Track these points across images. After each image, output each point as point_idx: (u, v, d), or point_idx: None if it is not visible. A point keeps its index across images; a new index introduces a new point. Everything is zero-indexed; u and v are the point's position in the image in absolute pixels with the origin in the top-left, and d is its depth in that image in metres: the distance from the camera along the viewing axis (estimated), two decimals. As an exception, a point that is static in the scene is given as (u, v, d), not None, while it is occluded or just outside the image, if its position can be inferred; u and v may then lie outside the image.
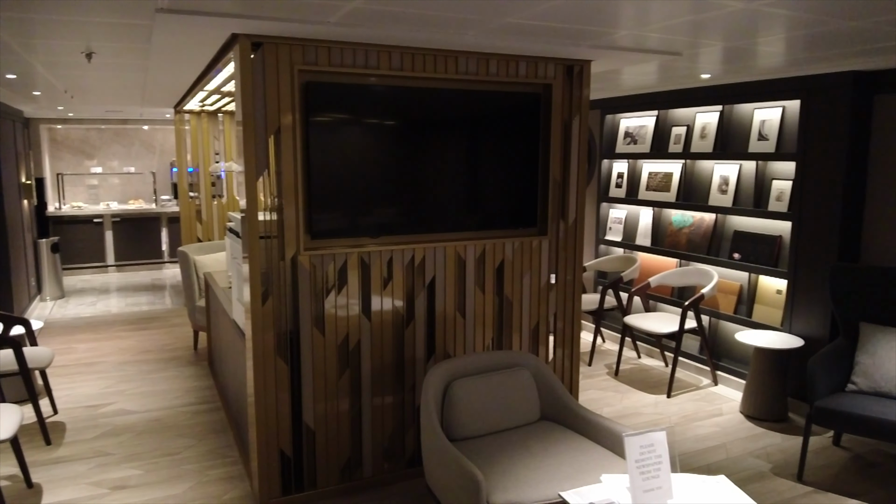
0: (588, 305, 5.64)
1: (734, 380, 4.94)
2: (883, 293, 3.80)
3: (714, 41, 3.19)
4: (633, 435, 2.13)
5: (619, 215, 6.18)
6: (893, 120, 4.04)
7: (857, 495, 3.47)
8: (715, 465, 3.78)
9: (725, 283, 5.06)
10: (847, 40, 3.07)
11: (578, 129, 3.78)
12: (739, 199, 4.96)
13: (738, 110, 5.03)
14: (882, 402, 3.45)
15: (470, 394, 3.04)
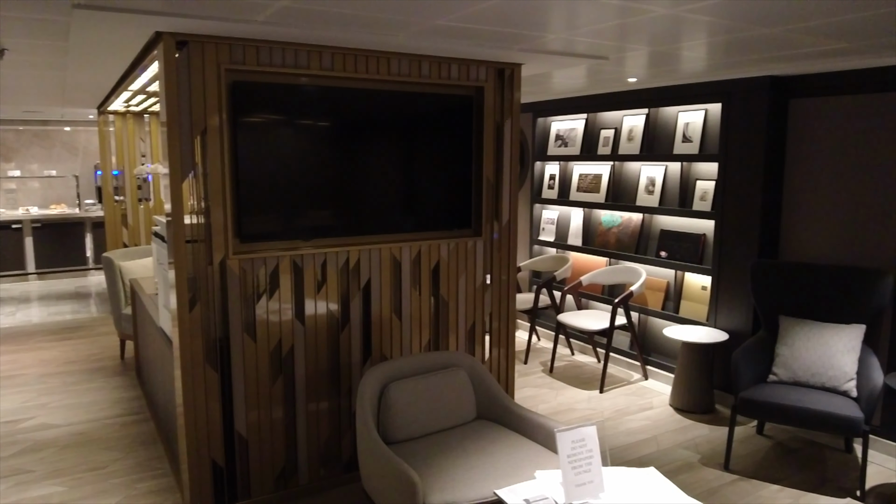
0: (523, 305, 5.72)
1: (663, 374, 5.10)
2: (800, 287, 3.99)
3: (640, 46, 3.28)
4: (564, 430, 2.17)
5: (552, 216, 6.29)
6: (807, 122, 4.26)
7: (779, 480, 3.63)
8: (646, 458, 3.89)
9: (653, 281, 5.22)
10: (763, 46, 3.22)
11: (510, 131, 3.83)
12: (665, 199, 5.13)
13: (663, 113, 5.20)
14: (800, 392, 3.63)
15: (406, 396, 3.04)
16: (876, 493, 3.50)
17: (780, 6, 2.41)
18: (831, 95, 4.12)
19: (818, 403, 3.46)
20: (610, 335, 4.98)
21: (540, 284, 5.64)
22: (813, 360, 3.72)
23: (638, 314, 5.39)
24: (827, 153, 4.17)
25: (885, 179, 3.89)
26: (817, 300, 3.93)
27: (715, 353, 4.64)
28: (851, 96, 4.02)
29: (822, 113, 4.17)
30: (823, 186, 4.19)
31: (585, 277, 5.38)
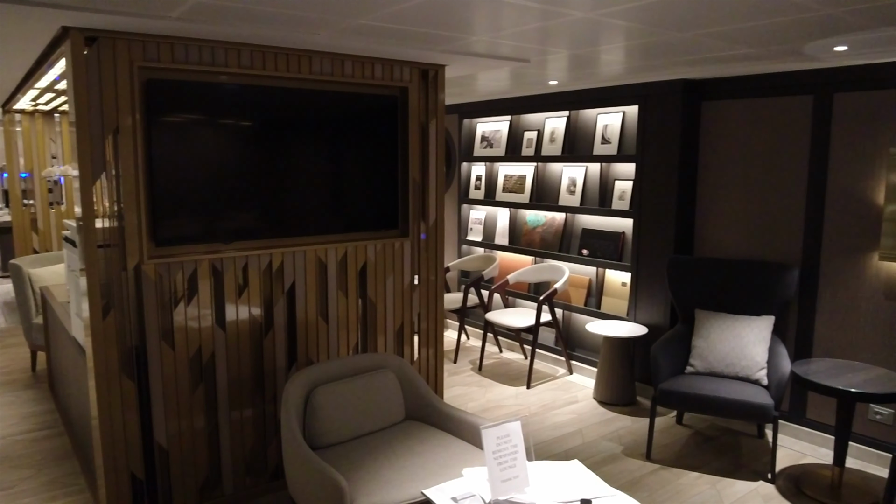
0: (452, 304, 5.76)
1: (587, 368, 5.24)
2: (713, 282, 4.18)
3: (560, 49, 3.36)
4: (489, 427, 2.20)
5: (479, 216, 6.36)
6: (717, 124, 4.47)
7: (698, 468, 3.79)
8: (572, 451, 3.99)
9: (576, 278, 5.36)
10: (676, 50, 3.35)
11: (436, 132, 3.84)
12: (586, 199, 5.28)
13: (583, 115, 5.34)
14: (715, 381, 3.80)
15: (333, 400, 3.00)
16: (785, 475, 3.71)
17: (691, 12, 2.52)
18: (739, 98, 4.33)
19: (732, 392, 3.63)
20: (536, 332, 5.08)
21: (468, 284, 5.69)
22: (727, 351, 3.90)
23: (562, 311, 5.52)
24: (736, 153, 4.38)
25: (789, 178, 4.12)
26: (730, 294, 4.12)
27: (635, 346, 4.81)
28: (758, 99, 4.24)
29: (732, 115, 4.39)
30: (733, 185, 4.41)
31: (512, 276, 5.46)
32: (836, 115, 3.88)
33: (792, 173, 4.10)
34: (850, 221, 3.87)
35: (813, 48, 3.21)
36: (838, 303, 3.94)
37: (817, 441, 4.06)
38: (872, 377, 3.42)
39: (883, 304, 3.76)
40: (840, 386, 3.29)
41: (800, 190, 4.07)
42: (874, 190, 3.76)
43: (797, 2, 2.33)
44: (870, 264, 3.80)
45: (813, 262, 4.03)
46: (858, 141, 3.81)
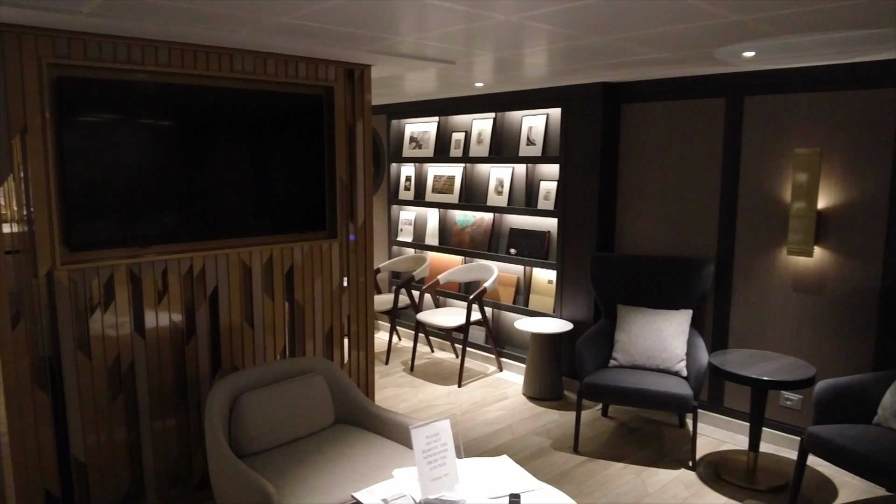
0: (383, 305, 5.74)
1: (517, 365, 5.33)
2: (634, 278, 4.32)
3: (485, 51, 3.40)
4: (418, 426, 2.21)
5: (409, 217, 6.36)
6: (636, 126, 4.63)
7: (623, 458, 3.91)
8: (502, 446, 4.05)
9: (505, 277, 5.44)
10: (597, 54, 3.45)
11: (363, 132, 3.82)
12: (513, 199, 5.37)
13: (509, 117, 5.43)
14: (637, 374, 3.93)
15: (259, 406, 2.94)
16: (705, 462, 3.87)
17: (610, 17, 2.60)
18: (657, 101, 4.50)
19: (653, 384, 3.77)
20: (466, 331, 5.13)
21: (399, 285, 5.68)
22: (647, 345, 4.05)
23: (492, 309, 5.59)
24: (654, 154, 4.55)
25: (704, 177, 4.30)
26: (649, 289, 4.28)
27: (562, 342, 4.92)
28: (674, 102, 4.41)
29: (649, 117, 4.55)
30: (652, 184, 4.57)
31: (442, 276, 5.49)
32: (747, 117, 4.09)
33: (706, 173, 4.29)
34: (760, 218, 4.08)
35: (723, 53, 3.37)
36: (751, 296, 4.15)
37: (734, 428, 4.26)
38: (783, 365, 3.61)
39: (791, 296, 3.98)
40: (753, 375, 3.46)
41: (714, 189, 4.26)
42: (782, 188, 3.97)
43: (708, 9, 2.44)
44: (779, 258, 4.02)
45: (727, 257, 4.23)
46: (767, 142, 4.02)
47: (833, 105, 3.75)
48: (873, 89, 3.60)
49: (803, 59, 3.54)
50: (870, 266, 3.68)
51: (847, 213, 3.74)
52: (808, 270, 3.90)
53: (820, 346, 3.89)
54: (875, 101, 3.60)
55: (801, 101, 3.86)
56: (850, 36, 2.90)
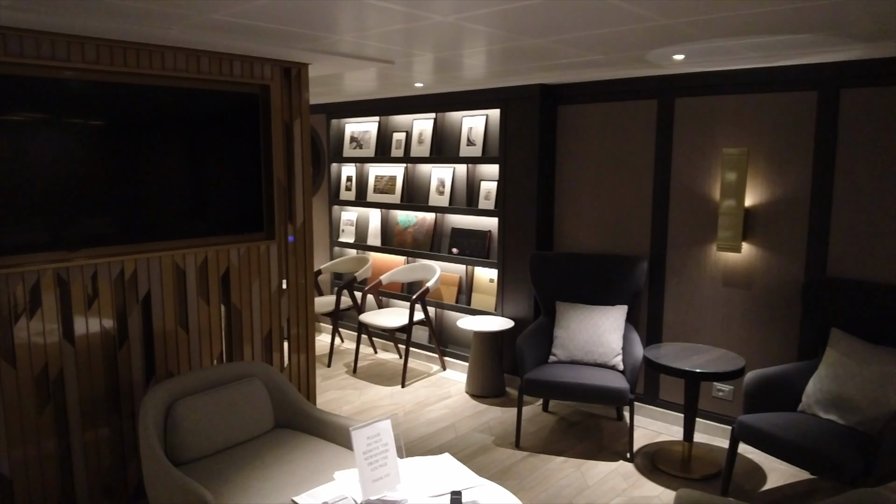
0: (325, 307, 5.68)
1: (460, 363, 5.36)
2: (571, 275, 4.41)
3: (424, 51, 3.41)
4: (359, 428, 2.20)
5: (351, 217, 6.31)
6: (573, 127, 4.72)
7: (563, 452, 3.98)
8: (445, 445, 4.06)
9: (447, 276, 5.46)
10: (533, 56, 3.50)
11: (300, 131, 3.77)
12: (454, 199, 5.40)
13: (449, 118, 5.45)
14: (576, 369, 4.01)
15: (196, 412, 2.87)
16: (642, 454, 3.98)
17: (546, 19, 2.64)
18: (592, 103, 4.60)
19: (591, 378, 3.85)
20: (409, 331, 5.12)
21: (341, 286, 5.63)
22: (585, 340, 4.13)
23: (435, 309, 5.60)
24: (590, 154, 4.64)
25: (637, 177, 4.42)
26: (587, 286, 4.37)
27: (503, 340, 4.97)
28: (608, 103, 4.52)
29: (585, 118, 4.65)
30: (588, 184, 4.67)
31: (385, 276, 5.47)
32: (678, 118, 4.22)
33: (640, 172, 4.41)
34: (691, 216, 4.22)
35: (655, 56, 3.47)
36: (683, 291, 4.29)
37: (669, 419, 4.40)
38: (714, 357, 3.74)
39: (721, 290, 4.13)
40: (686, 367, 3.58)
41: (647, 187, 4.39)
42: (711, 187, 4.12)
43: (638, 12, 2.51)
44: (709, 255, 4.16)
45: (660, 254, 4.36)
46: (697, 142, 4.16)
47: (758, 106, 3.91)
48: (795, 92, 3.77)
49: (730, 62, 3.68)
50: (794, 261, 3.85)
51: (772, 211, 3.90)
52: (736, 266, 4.06)
53: (748, 338, 4.05)
54: (797, 103, 3.77)
55: (729, 103, 4.01)
56: (773, 41, 3.03)
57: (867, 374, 3.19)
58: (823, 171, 3.70)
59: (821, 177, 3.71)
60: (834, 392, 3.27)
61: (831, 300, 3.53)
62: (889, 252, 3.53)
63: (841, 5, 2.36)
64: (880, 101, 3.51)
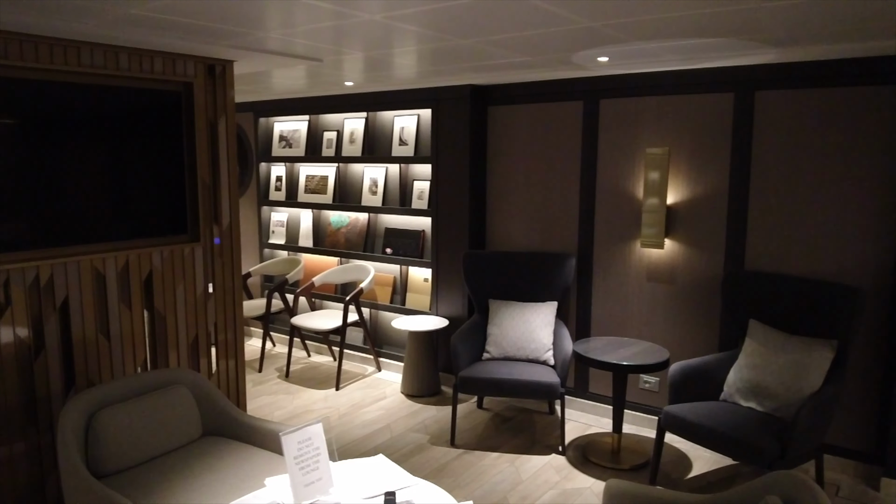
0: (255, 311, 5.56)
1: (395, 364, 5.35)
2: (503, 273, 4.46)
3: (354, 50, 3.38)
4: (289, 432, 2.16)
5: (282, 218, 6.20)
6: (502, 127, 4.77)
7: (497, 448, 4.03)
8: (381, 446, 4.04)
9: (381, 276, 5.44)
10: (462, 56, 3.53)
11: (225, 130, 3.68)
12: (388, 199, 5.38)
13: (381, 117, 5.43)
14: (509, 365, 4.06)
15: (118, 422, 2.76)
16: (574, 446, 4.07)
17: (472, 20, 2.66)
18: (521, 104, 4.67)
19: (523, 374, 3.91)
20: (343, 333, 5.07)
21: (272, 288, 5.52)
22: (518, 336, 4.19)
23: (369, 310, 5.57)
24: (520, 154, 4.71)
25: (565, 176, 4.52)
26: (518, 283, 4.43)
27: (438, 339, 4.99)
28: (537, 104, 4.60)
29: (515, 119, 4.71)
30: (518, 184, 4.74)
31: (318, 278, 5.40)
32: (603, 118, 4.33)
33: (568, 172, 4.51)
34: (616, 213, 4.34)
35: (580, 58, 3.55)
36: (610, 286, 4.41)
37: (599, 412, 4.51)
38: (640, 350, 3.86)
39: (646, 285, 4.26)
40: (613, 360, 3.68)
41: (574, 186, 4.49)
42: (635, 186, 4.25)
43: (563, 15, 2.56)
44: (634, 251, 4.29)
45: (587, 251, 4.46)
46: (621, 142, 4.28)
47: (679, 108, 4.06)
48: (714, 94, 3.93)
49: (652, 64, 3.80)
50: (713, 256, 4.01)
51: (693, 208, 4.06)
52: (660, 261, 4.20)
53: (672, 330, 4.20)
54: (715, 105, 3.93)
55: (651, 104, 4.15)
56: (693, 44, 3.15)
57: (782, 362, 3.36)
58: (740, 169, 3.87)
59: (738, 175, 3.88)
60: (753, 380, 3.43)
61: (749, 293, 3.70)
62: (801, 246, 3.73)
63: (753, 11, 2.47)
64: (792, 103, 3.70)
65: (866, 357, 3.61)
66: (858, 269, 3.58)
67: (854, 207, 3.57)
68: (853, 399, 3.65)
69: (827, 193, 3.64)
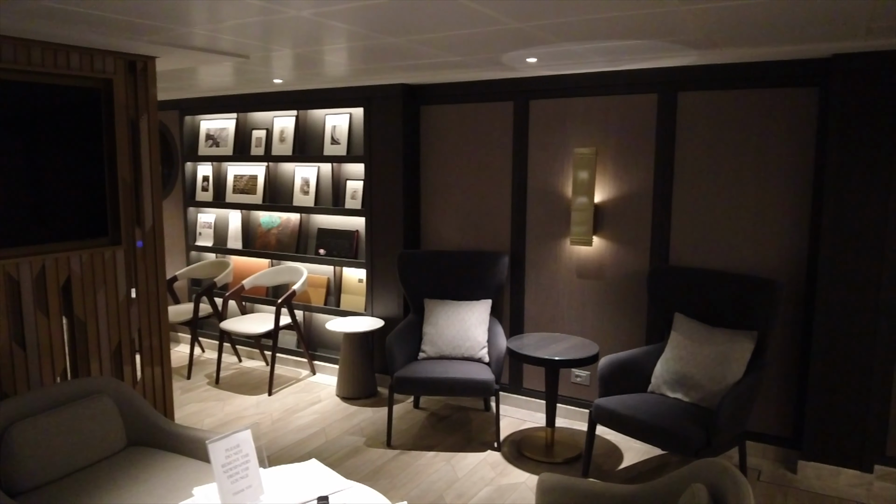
0: (182, 316, 5.38)
1: (330, 366, 5.28)
2: (439, 272, 4.47)
3: (282, 47, 3.31)
4: (216, 440, 2.10)
5: (209, 219, 6.03)
6: (435, 127, 4.78)
7: (434, 447, 4.03)
8: (315, 451, 3.98)
9: (315, 278, 5.36)
10: (393, 55, 3.51)
11: (147, 129, 3.55)
12: (320, 199, 5.30)
13: (312, 115, 5.35)
14: (444, 364, 4.07)
15: (36, 436, 2.62)
16: (509, 442, 4.11)
17: (400, 18, 2.65)
18: (453, 103, 4.68)
19: (459, 372, 3.92)
20: (275, 336, 4.97)
21: (199, 292, 5.36)
22: (453, 335, 4.21)
23: (302, 312, 5.48)
24: (453, 154, 4.73)
25: (497, 175, 4.56)
26: (453, 282, 4.45)
27: (374, 339, 4.96)
28: (468, 104, 4.62)
29: (447, 118, 4.73)
30: (452, 183, 4.76)
31: (248, 281, 5.28)
32: (533, 119, 4.40)
33: (500, 171, 4.55)
34: (547, 212, 4.41)
35: (509, 58, 3.59)
36: (542, 283, 4.48)
37: (533, 407, 4.58)
38: (571, 345, 3.94)
39: (576, 281, 4.35)
40: (545, 356, 3.74)
41: (506, 186, 4.54)
42: (565, 185, 4.33)
43: (491, 15, 2.58)
44: (564, 248, 4.38)
45: (520, 249, 4.52)
46: (551, 142, 4.35)
47: (605, 108, 4.16)
48: (638, 94, 4.05)
49: (579, 65, 3.88)
50: (639, 252, 4.13)
51: (619, 206, 4.17)
52: (589, 258, 4.29)
53: (602, 325, 4.30)
54: (640, 105, 4.05)
55: (579, 105, 4.24)
56: (617, 46, 3.23)
57: (706, 353, 3.49)
58: (664, 168, 4.00)
59: (662, 174, 4.01)
60: (679, 372, 3.55)
61: (673, 287, 3.82)
62: (722, 241, 3.89)
63: (674, 14, 2.56)
64: (712, 103, 3.85)
65: (784, 347, 3.79)
66: (775, 262, 3.76)
67: (770, 204, 3.75)
68: (772, 387, 3.83)
69: (745, 191, 3.80)
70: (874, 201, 3.36)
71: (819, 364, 3.56)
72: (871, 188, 3.36)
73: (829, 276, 3.49)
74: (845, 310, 3.47)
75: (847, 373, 3.50)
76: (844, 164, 3.40)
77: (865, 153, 3.35)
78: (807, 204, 3.66)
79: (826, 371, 3.54)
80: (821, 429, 3.59)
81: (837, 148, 3.41)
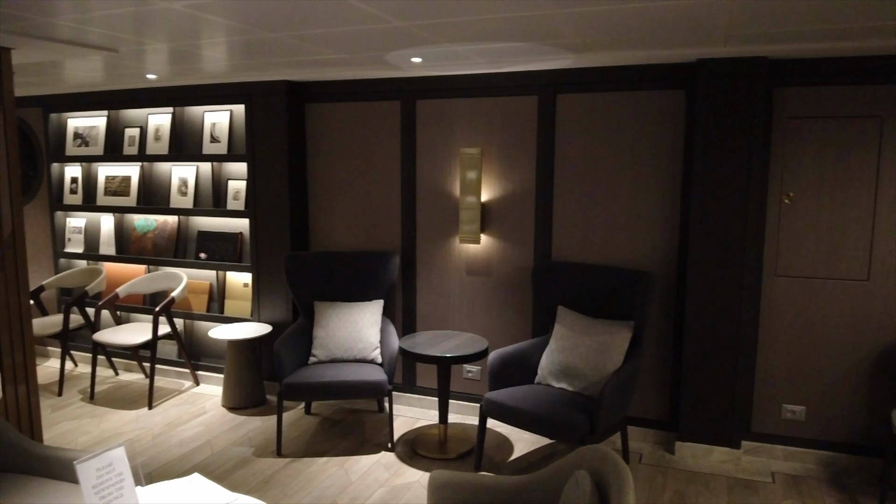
0: (50, 328, 4.99)
1: (215, 376, 5.07)
2: (329, 274, 4.39)
3: (155, 40, 3.14)
4: (84, 460, 1.96)
5: (79, 224, 5.62)
6: (321, 125, 4.70)
7: (326, 452, 3.97)
8: (200, 465, 3.81)
9: (196, 284, 5.13)
10: (272, 51, 3.41)
11: (4, 126, 3.26)
12: (200, 200, 5.07)
13: (190, 113, 5.11)
14: (336, 367, 4.01)
15: None
16: (403, 441, 4.11)
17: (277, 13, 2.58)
18: (339, 102, 4.62)
19: (350, 375, 3.88)
20: (154, 347, 4.71)
21: (69, 302, 4.99)
22: (345, 337, 4.16)
23: (183, 320, 5.22)
24: (340, 153, 4.67)
25: (386, 175, 4.55)
26: (344, 284, 4.39)
27: (261, 346, 4.81)
28: (355, 103, 4.58)
29: (333, 117, 4.66)
30: (340, 183, 4.70)
31: (122, 288, 4.97)
32: (420, 119, 4.42)
33: (388, 171, 4.55)
34: (437, 211, 4.45)
35: (393, 57, 3.59)
36: (433, 282, 4.51)
37: (426, 405, 4.61)
38: (462, 342, 3.99)
39: (465, 279, 4.42)
40: (437, 353, 3.77)
41: (396, 185, 4.54)
42: (453, 184, 4.38)
43: (373, 13, 2.57)
44: (453, 246, 4.43)
45: (410, 248, 4.54)
46: (438, 142, 4.39)
47: (489, 109, 4.25)
48: (520, 96, 4.16)
49: (464, 66, 3.94)
50: (524, 249, 4.26)
51: (505, 205, 4.27)
52: (477, 256, 4.37)
53: (491, 320, 4.39)
54: (521, 107, 4.17)
55: (464, 106, 4.30)
56: (498, 48, 3.30)
57: (587, 343, 3.64)
58: (545, 167, 4.14)
59: (543, 173, 4.15)
60: (563, 362, 3.68)
61: (556, 282, 3.96)
62: (600, 236, 4.07)
63: (548, 17, 2.65)
64: (589, 105, 4.02)
65: (660, 336, 4.02)
66: (649, 256, 3.99)
67: (644, 201, 3.96)
68: (650, 374, 4.06)
69: (620, 188, 4.00)
70: (736, 197, 3.63)
71: (690, 351, 3.80)
72: (732, 185, 3.63)
73: (697, 268, 3.74)
74: (713, 299, 3.73)
75: (715, 358, 3.76)
76: (709, 162, 3.65)
77: (727, 152, 3.62)
78: (677, 201, 3.90)
79: (697, 357, 3.79)
80: (694, 411, 3.84)
81: (702, 147, 3.66)
